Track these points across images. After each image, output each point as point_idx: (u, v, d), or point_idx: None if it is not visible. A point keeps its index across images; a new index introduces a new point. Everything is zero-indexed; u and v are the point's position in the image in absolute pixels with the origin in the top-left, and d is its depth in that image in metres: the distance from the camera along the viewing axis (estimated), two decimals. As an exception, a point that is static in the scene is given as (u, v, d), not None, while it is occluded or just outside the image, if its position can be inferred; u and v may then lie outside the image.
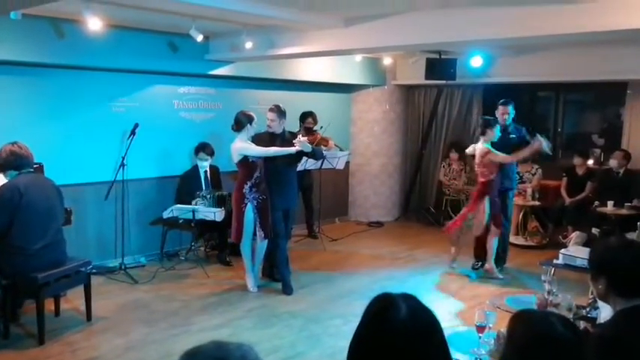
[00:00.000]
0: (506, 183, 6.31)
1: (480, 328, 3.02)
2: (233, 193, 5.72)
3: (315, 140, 7.16)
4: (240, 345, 1.28)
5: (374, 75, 8.90)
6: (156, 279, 6.09)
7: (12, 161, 4.41)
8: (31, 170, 4.55)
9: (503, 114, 6.25)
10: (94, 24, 5.06)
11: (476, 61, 7.80)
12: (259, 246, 5.71)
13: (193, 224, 6.26)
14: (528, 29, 4.48)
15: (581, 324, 3.22)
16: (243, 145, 5.49)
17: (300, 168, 6.21)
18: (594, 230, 6.96)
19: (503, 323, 1.84)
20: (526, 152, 6.11)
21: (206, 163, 6.81)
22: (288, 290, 5.73)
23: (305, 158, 6.00)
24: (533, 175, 8.04)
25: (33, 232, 4.36)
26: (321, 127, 7.59)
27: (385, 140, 9.29)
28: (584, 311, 3.56)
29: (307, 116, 7.76)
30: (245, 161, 5.52)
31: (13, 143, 4.46)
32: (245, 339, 4.77)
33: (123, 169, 6.15)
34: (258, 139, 5.64)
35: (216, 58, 6.75)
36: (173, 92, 7.02)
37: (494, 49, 7.58)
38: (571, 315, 3.32)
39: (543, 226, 7.97)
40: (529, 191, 7.81)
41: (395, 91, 9.30)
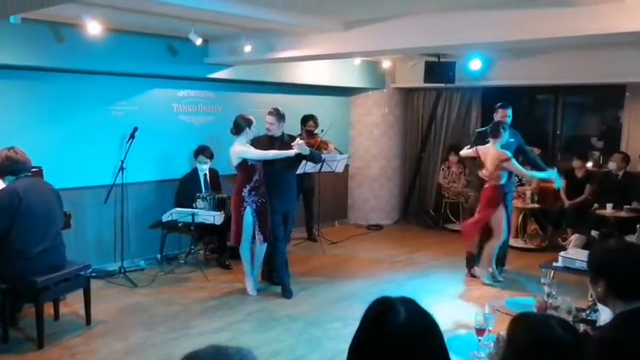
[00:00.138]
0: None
1: (480, 331, 3.02)
2: (232, 197, 5.72)
3: (315, 143, 7.17)
4: (239, 349, 1.28)
5: (373, 78, 8.91)
6: (155, 282, 6.09)
7: (8, 166, 4.40)
8: (29, 174, 4.54)
9: (502, 117, 6.25)
10: (93, 28, 5.07)
11: (475, 64, 7.81)
12: (258, 249, 5.71)
13: (193, 228, 6.25)
14: (527, 32, 4.49)
15: (580, 327, 3.22)
16: (242, 149, 5.50)
17: (299, 171, 6.21)
18: (593, 233, 6.96)
19: (502, 326, 1.84)
20: (541, 176, 6.29)
21: (205, 167, 6.81)
22: (287, 293, 5.73)
23: (304, 161, 6.00)
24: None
25: (32, 236, 4.36)
26: (322, 131, 7.59)
27: (384, 143, 9.29)
28: (583, 314, 3.55)
29: (308, 119, 7.77)
30: (244, 164, 5.52)
31: (9, 148, 4.45)
32: (244, 343, 4.78)
33: (122, 173, 6.15)
34: (257, 143, 5.64)
35: (215, 62, 6.76)
36: (172, 96, 7.03)
37: (493, 52, 7.58)
38: (571, 318, 3.32)
39: (543, 229, 7.97)
40: (528, 194, 7.81)
41: (394, 95, 9.31)
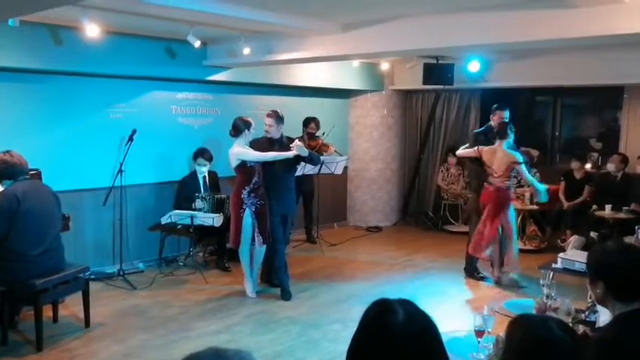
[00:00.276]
0: None
1: (479, 333, 3.01)
2: (231, 199, 5.72)
3: (317, 146, 7.19)
4: (238, 351, 1.28)
5: (372, 80, 8.91)
6: (154, 285, 6.08)
7: (4, 170, 4.39)
8: (27, 177, 4.54)
9: (499, 119, 6.25)
10: (92, 30, 5.07)
11: (473, 66, 7.81)
12: (258, 251, 5.70)
13: (192, 230, 6.25)
14: (526, 34, 4.49)
15: (580, 328, 3.21)
16: (241, 150, 5.50)
17: (298, 173, 6.21)
18: (592, 234, 6.97)
19: (502, 328, 1.84)
20: (536, 185, 6.33)
21: (204, 169, 6.81)
22: (286, 295, 5.72)
23: (303, 163, 6.00)
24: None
25: (31, 239, 4.35)
26: (323, 133, 7.61)
27: (383, 145, 9.30)
28: (583, 315, 3.54)
29: (310, 122, 7.78)
30: (243, 166, 5.52)
31: (5, 152, 4.43)
32: (244, 345, 4.77)
33: (121, 175, 6.14)
34: (256, 145, 5.64)
35: (213, 64, 6.76)
36: (171, 98, 7.03)
37: (491, 54, 7.59)
38: (570, 319, 3.32)
39: (541, 230, 7.97)
40: (527, 195, 7.81)
41: (393, 96, 9.31)
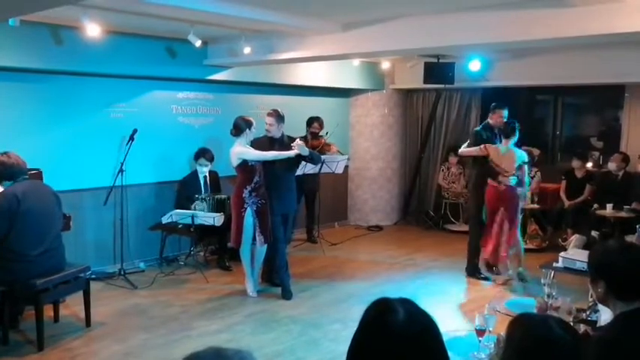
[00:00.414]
0: None
1: (480, 332, 3.01)
2: (232, 198, 5.72)
3: (319, 145, 7.19)
4: (238, 350, 1.28)
5: (372, 79, 8.91)
6: (155, 284, 6.08)
7: (2, 171, 4.39)
8: (27, 177, 4.54)
9: (498, 118, 6.25)
10: (92, 30, 5.07)
11: (474, 65, 7.80)
12: (259, 251, 5.70)
13: (192, 229, 6.25)
14: (526, 33, 4.49)
15: (581, 327, 3.21)
16: (242, 149, 5.49)
17: (299, 172, 6.21)
18: (593, 233, 6.96)
19: (503, 327, 1.84)
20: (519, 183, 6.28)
21: (206, 169, 6.80)
22: (287, 295, 5.72)
23: (304, 163, 5.99)
24: (532, 178, 8.04)
25: (31, 239, 4.36)
26: (327, 133, 7.61)
27: (384, 144, 9.29)
28: (584, 314, 3.54)
29: (313, 121, 7.78)
30: (244, 165, 5.51)
31: (2, 153, 4.42)
32: (245, 344, 4.77)
33: (122, 175, 6.14)
34: (257, 144, 5.64)
35: (214, 64, 6.76)
36: (171, 97, 7.03)
37: (492, 53, 7.59)
38: (571, 318, 3.31)
39: (543, 229, 7.96)
40: (528, 194, 7.80)
41: (393, 96, 9.31)
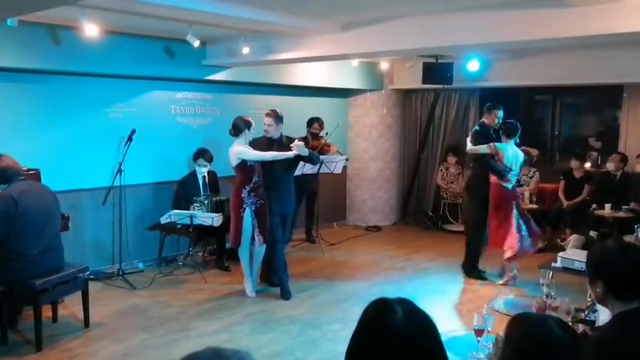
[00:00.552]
0: None
1: (479, 332, 3.02)
2: (231, 198, 5.72)
3: (319, 146, 7.20)
4: (237, 351, 1.28)
5: (371, 79, 8.91)
6: (154, 285, 6.08)
7: None
8: (22, 178, 4.53)
9: (496, 118, 6.26)
10: (91, 30, 5.07)
11: (473, 65, 7.81)
12: (257, 251, 5.70)
13: (191, 229, 6.24)
14: (525, 33, 4.49)
15: (579, 327, 3.21)
16: (241, 149, 5.49)
17: (297, 173, 6.21)
18: (592, 233, 6.97)
19: (501, 327, 1.84)
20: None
21: (204, 169, 6.80)
22: (286, 295, 5.72)
23: (302, 163, 6.00)
24: (530, 179, 8.05)
25: (30, 238, 4.35)
26: (327, 133, 7.63)
27: (382, 144, 9.30)
28: (582, 314, 3.55)
29: (314, 122, 7.81)
30: (243, 165, 5.51)
31: None
32: (243, 344, 4.77)
33: (120, 175, 6.15)
34: (255, 144, 5.64)
35: (213, 64, 6.76)
36: (170, 98, 7.02)
37: (490, 53, 7.59)
38: (569, 318, 3.32)
39: (541, 229, 7.96)
40: (527, 194, 7.81)
41: (392, 96, 9.31)
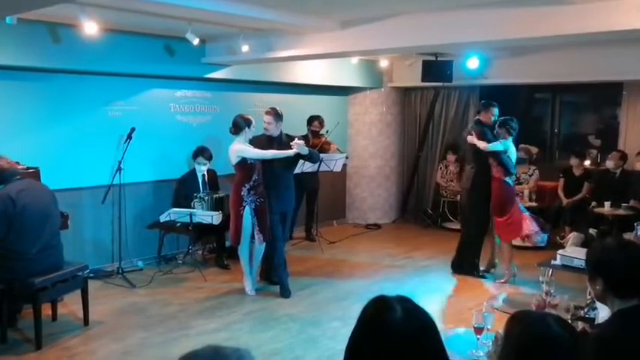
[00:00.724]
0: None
1: (478, 330, 3.01)
2: (231, 196, 5.72)
3: (319, 144, 7.20)
4: (236, 349, 1.28)
5: (370, 77, 8.90)
6: (153, 283, 6.08)
7: None
8: (19, 177, 4.52)
9: (492, 115, 6.25)
10: (90, 28, 5.06)
11: (472, 63, 7.80)
12: (257, 249, 5.70)
13: (191, 228, 6.24)
14: (524, 31, 4.48)
15: (579, 324, 3.21)
16: (241, 147, 5.49)
17: (297, 171, 6.21)
18: (591, 231, 6.96)
19: (501, 325, 1.84)
20: None
21: (204, 168, 6.79)
22: (286, 293, 5.72)
23: (302, 161, 5.99)
24: (530, 177, 8.05)
25: (29, 237, 4.35)
26: (327, 131, 7.63)
27: (382, 142, 9.29)
28: (582, 312, 3.55)
29: (314, 120, 7.81)
30: (243, 163, 5.51)
31: None
32: (243, 342, 4.77)
33: (120, 173, 6.14)
34: (255, 142, 5.64)
35: (212, 62, 6.75)
36: (170, 96, 7.02)
37: (490, 51, 7.59)
38: (569, 316, 3.32)
39: (540, 227, 7.96)
40: (526, 192, 7.81)
41: (391, 94, 9.31)
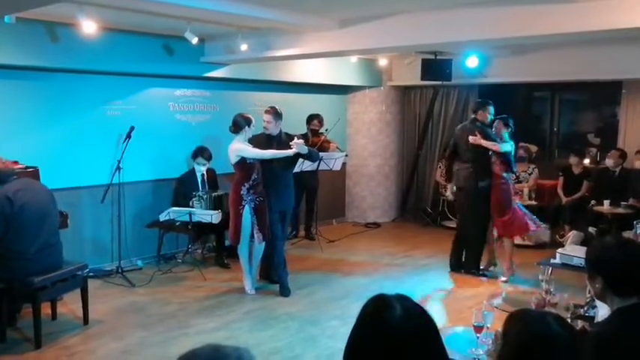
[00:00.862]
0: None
1: (478, 328, 3.01)
2: (230, 195, 5.71)
3: (319, 142, 7.19)
4: (236, 348, 1.28)
5: (370, 76, 8.90)
6: (153, 282, 6.08)
7: None
8: (15, 177, 4.51)
9: (489, 114, 6.25)
10: (89, 27, 5.06)
11: (471, 62, 7.80)
12: (257, 248, 5.70)
13: (190, 227, 6.24)
14: (523, 29, 4.48)
15: (578, 323, 3.22)
16: (240, 147, 5.49)
17: (296, 169, 6.21)
18: (591, 229, 6.97)
19: (500, 323, 1.84)
20: None
21: (203, 168, 6.77)
22: (285, 292, 5.72)
23: (301, 160, 5.99)
24: (529, 175, 8.05)
25: (27, 236, 4.35)
26: (327, 130, 7.63)
27: (381, 141, 9.29)
28: (581, 310, 3.55)
29: (313, 118, 7.81)
30: (242, 163, 5.51)
31: None
32: (243, 341, 4.77)
33: (119, 172, 6.14)
34: (255, 141, 5.63)
35: (211, 61, 6.75)
36: (169, 95, 7.01)
37: (489, 50, 7.59)
38: (569, 314, 3.32)
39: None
40: (525, 191, 7.81)
41: (391, 92, 9.30)
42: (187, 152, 6.91)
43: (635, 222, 5.38)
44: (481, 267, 6.50)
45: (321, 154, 6.67)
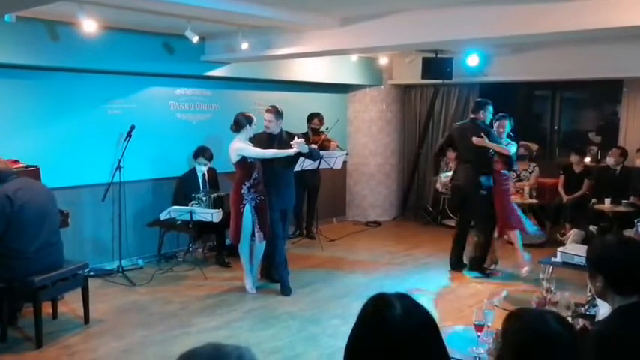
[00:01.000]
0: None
1: (479, 327, 3.01)
2: (231, 194, 5.71)
3: (319, 141, 7.19)
4: (237, 347, 1.28)
5: (370, 75, 8.90)
6: (153, 281, 6.08)
7: None
8: (15, 176, 4.51)
9: (488, 113, 6.25)
10: (89, 26, 5.06)
11: (472, 60, 7.80)
12: (257, 247, 5.70)
13: (191, 225, 6.24)
14: (524, 28, 4.48)
15: (579, 321, 3.21)
16: (241, 146, 5.49)
17: (297, 168, 6.21)
18: (592, 228, 6.96)
19: (501, 322, 1.84)
20: None
21: (204, 168, 6.76)
22: (286, 291, 5.72)
23: (302, 159, 5.99)
24: (530, 174, 8.04)
25: (28, 235, 4.35)
26: (327, 129, 7.63)
27: (382, 140, 9.29)
28: (582, 309, 3.55)
29: (314, 117, 7.81)
30: (243, 162, 5.51)
31: None
32: (243, 340, 4.77)
33: (119, 171, 6.14)
34: (255, 140, 5.64)
35: (212, 59, 6.74)
36: (169, 94, 7.01)
37: (490, 48, 7.58)
38: (569, 312, 3.32)
39: (541, 224, 7.96)
40: (526, 189, 7.81)
41: (391, 91, 9.30)
42: (188, 151, 6.91)
43: (635, 220, 5.38)
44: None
45: (322, 153, 6.67)
